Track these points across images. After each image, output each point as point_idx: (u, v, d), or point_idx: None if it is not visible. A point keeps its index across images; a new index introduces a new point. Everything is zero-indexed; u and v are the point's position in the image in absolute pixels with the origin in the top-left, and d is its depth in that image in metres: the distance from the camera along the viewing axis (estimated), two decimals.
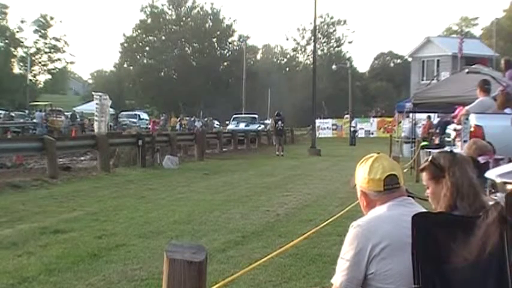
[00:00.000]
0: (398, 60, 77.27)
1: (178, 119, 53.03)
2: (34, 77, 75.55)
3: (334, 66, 57.30)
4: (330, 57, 78.08)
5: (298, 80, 73.26)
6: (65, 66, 79.43)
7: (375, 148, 25.92)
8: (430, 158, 3.03)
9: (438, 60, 44.35)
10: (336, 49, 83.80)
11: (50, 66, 77.70)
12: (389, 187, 2.76)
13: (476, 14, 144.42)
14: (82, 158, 21.63)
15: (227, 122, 45.87)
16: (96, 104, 18.20)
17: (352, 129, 40.05)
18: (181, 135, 26.17)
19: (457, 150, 7.76)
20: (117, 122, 48.48)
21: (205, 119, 58.81)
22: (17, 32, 71.74)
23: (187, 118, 55.15)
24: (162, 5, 78.68)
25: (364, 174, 2.83)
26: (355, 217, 2.83)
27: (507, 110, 9.28)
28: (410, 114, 20.89)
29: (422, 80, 43.09)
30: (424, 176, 2.98)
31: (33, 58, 73.30)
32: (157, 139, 20.63)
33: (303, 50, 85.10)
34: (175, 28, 78.50)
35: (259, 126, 39.88)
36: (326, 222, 6.52)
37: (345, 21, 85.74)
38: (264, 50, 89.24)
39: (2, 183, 12.63)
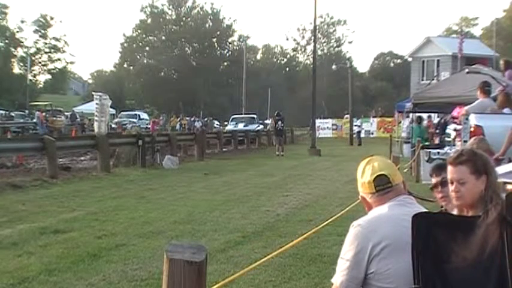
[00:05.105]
0: (399, 60, 77.29)
1: (179, 119, 53.01)
2: (34, 77, 75.43)
3: (334, 66, 57.30)
4: (330, 57, 78.19)
5: (298, 80, 73.29)
6: (65, 66, 79.17)
7: (375, 148, 25.93)
8: (467, 151, 2.83)
9: (438, 60, 44.31)
10: (336, 49, 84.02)
11: (50, 66, 77.59)
12: (381, 188, 2.75)
13: (476, 14, 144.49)
14: (82, 158, 21.63)
15: (226, 123, 45.79)
16: (96, 104, 18.17)
17: (357, 129, 39.90)
18: (181, 135, 26.16)
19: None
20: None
21: (205, 119, 58.77)
22: (17, 32, 71.69)
23: (187, 118, 55.12)
24: (162, 5, 78.82)
25: (358, 178, 2.85)
26: (355, 217, 2.83)
27: (506, 110, 9.27)
28: (410, 114, 20.89)
29: (422, 80, 43.05)
30: (462, 169, 2.74)
31: (33, 58, 73.15)
32: (157, 139, 20.64)
33: (303, 50, 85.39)
34: (175, 28, 78.49)
35: (258, 126, 39.80)
36: (326, 222, 6.53)
37: (345, 21, 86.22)
38: (264, 50, 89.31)
39: (2, 183, 12.63)
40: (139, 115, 54.13)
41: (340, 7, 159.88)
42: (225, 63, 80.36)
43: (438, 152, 12.06)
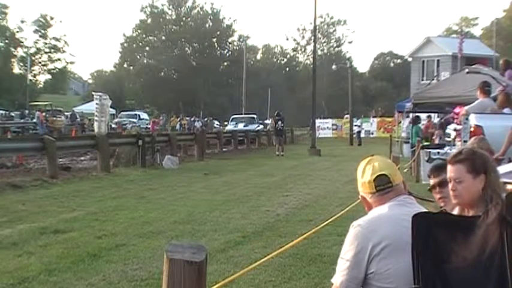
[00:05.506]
0: (399, 60, 77.31)
1: (179, 119, 53.03)
2: (34, 77, 75.42)
3: (334, 66, 57.32)
4: (330, 57, 78.21)
5: (298, 80, 73.30)
6: (65, 66, 79.17)
7: (375, 148, 25.85)
8: (467, 150, 2.83)
9: (438, 60, 44.28)
10: (336, 49, 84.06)
11: (50, 66, 77.59)
12: (381, 187, 2.75)
13: (476, 14, 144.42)
14: (82, 158, 21.63)
15: (226, 123, 45.79)
16: (96, 104, 18.16)
17: (357, 129, 39.89)
18: (181, 135, 26.17)
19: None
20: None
21: (205, 119, 58.78)
22: (17, 32, 71.70)
23: (187, 118, 55.11)
24: (162, 5, 78.83)
25: (359, 178, 2.85)
26: (355, 217, 2.83)
27: (506, 110, 9.28)
28: (410, 114, 20.88)
29: (422, 80, 43.04)
30: (459, 167, 2.73)
31: (33, 58, 73.14)
32: (157, 139, 20.64)
33: (303, 50, 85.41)
34: (175, 28, 78.49)
35: (258, 126, 39.80)
36: (326, 222, 6.53)
37: (345, 21, 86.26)
38: (264, 50, 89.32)
39: (2, 183, 12.63)
40: (139, 115, 54.12)
41: (340, 7, 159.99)
42: (225, 63, 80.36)
43: (438, 152, 12.05)
